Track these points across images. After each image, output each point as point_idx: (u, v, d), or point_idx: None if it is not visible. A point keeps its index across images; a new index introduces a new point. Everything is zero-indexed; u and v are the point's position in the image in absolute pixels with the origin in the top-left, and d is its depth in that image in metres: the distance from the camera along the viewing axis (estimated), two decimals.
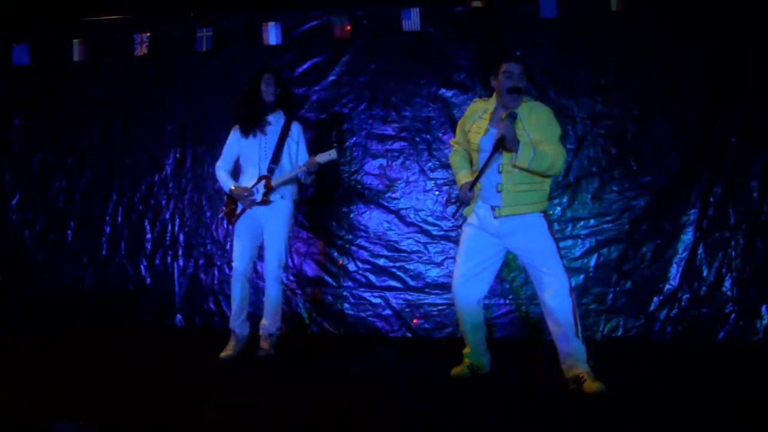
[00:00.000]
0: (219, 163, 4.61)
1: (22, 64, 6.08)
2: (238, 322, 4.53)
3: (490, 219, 3.66)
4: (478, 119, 3.74)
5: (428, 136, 5.35)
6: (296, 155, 4.55)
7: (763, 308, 4.78)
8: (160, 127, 5.95)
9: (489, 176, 3.64)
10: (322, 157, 4.33)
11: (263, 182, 4.43)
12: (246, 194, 4.43)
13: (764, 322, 4.76)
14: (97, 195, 6.11)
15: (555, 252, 3.63)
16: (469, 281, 3.73)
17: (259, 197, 4.43)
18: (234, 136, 4.56)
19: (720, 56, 4.84)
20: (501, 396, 3.47)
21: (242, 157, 4.57)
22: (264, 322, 4.52)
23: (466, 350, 3.89)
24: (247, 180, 4.51)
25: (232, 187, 4.49)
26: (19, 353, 4.75)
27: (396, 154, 5.42)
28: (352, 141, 5.49)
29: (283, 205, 4.49)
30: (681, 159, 4.92)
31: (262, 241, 4.55)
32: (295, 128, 4.56)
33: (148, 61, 5.92)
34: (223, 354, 4.44)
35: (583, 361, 3.54)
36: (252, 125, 4.45)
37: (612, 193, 5.03)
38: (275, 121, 4.52)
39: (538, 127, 3.58)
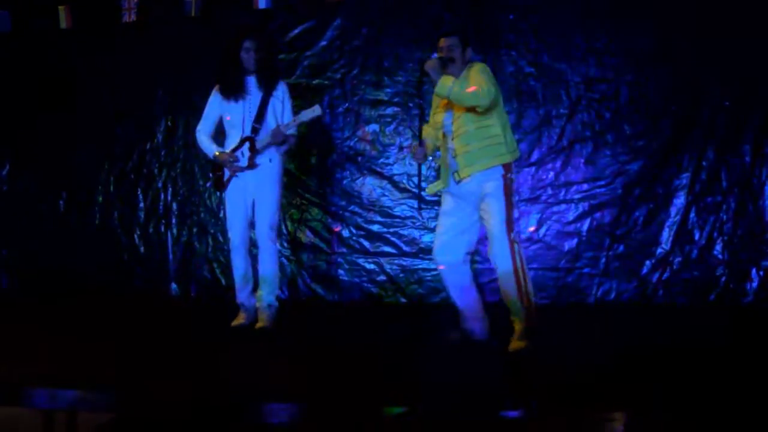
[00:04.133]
0: (199, 127, 4.34)
1: (5, 31, 6.00)
2: (244, 295, 4.33)
3: (454, 184, 3.77)
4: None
5: (421, 102, 5.30)
6: (282, 115, 4.27)
7: (753, 271, 4.81)
8: (150, 94, 5.91)
9: (448, 145, 3.77)
10: (306, 115, 4.09)
11: (247, 144, 4.18)
12: (231, 159, 4.19)
13: (754, 284, 4.80)
14: (89, 164, 6.08)
15: (502, 211, 3.64)
16: (446, 244, 3.80)
17: (245, 162, 4.17)
18: (215, 98, 4.30)
19: (713, 19, 4.81)
20: (490, 360, 3.48)
21: (225, 121, 4.30)
22: (260, 292, 4.27)
23: (460, 317, 3.89)
24: (232, 144, 4.25)
25: (216, 153, 4.24)
26: (13, 324, 4.74)
27: (389, 119, 5.39)
28: (344, 107, 5.46)
29: (271, 167, 4.23)
30: (674, 123, 4.91)
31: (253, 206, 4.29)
32: (281, 88, 4.29)
33: (136, 28, 5.86)
34: (234, 323, 4.27)
35: (521, 320, 3.63)
36: (233, 90, 4.21)
37: (605, 157, 5.02)
38: (258, 84, 4.23)
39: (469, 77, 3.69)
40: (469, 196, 3.74)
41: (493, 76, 3.69)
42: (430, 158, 5.28)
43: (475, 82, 3.57)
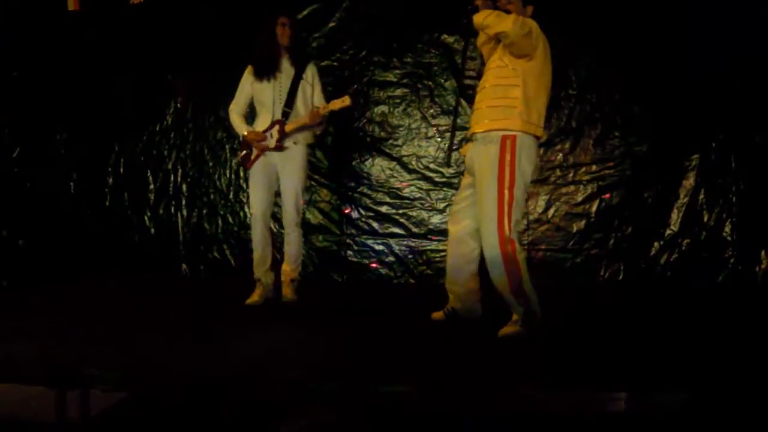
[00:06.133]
0: (232, 106, 4.49)
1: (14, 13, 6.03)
2: (262, 271, 4.46)
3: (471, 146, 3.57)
4: None
5: (430, 83, 5.32)
6: (311, 99, 4.42)
7: (762, 253, 4.80)
8: (159, 76, 5.92)
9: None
10: (336, 104, 4.23)
11: (276, 127, 4.32)
12: (259, 139, 4.33)
13: (763, 266, 4.79)
14: (99, 146, 6.12)
15: (495, 191, 3.34)
16: (456, 213, 3.69)
17: (272, 143, 4.32)
18: (247, 77, 4.43)
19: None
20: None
21: (256, 101, 4.44)
22: (285, 267, 4.48)
23: (450, 294, 3.80)
24: (262, 125, 4.39)
25: (245, 132, 4.38)
26: (23, 303, 4.78)
27: (398, 101, 5.39)
28: (353, 88, 5.45)
29: (297, 150, 4.37)
30: (684, 104, 4.88)
31: (278, 186, 4.45)
32: (310, 71, 4.43)
33: (144, 9, 5.86)
34: (249, 301, 4.39)
35: (517, 312, 3.41)
36: (267, 69, 4.33)
37: (614, 138, 5.01)
38: (290, 64, 4.38)
39: None
40: (472, 164, 3.53)
41: (541, 33, 3.39)
42: (439, 139, 5.32)
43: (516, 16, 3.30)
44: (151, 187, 6.01)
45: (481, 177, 3.43)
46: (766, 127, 4.79)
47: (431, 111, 5.33)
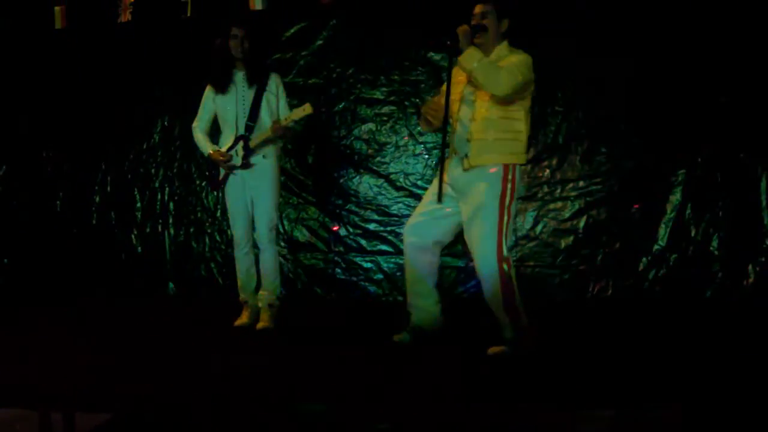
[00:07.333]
0: (195, 123, 4.31)
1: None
2: (248, 293, 4.33)
3: (458, 171, 3.55)
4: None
5: (417, 100, 5.33)
6: (277, 110, 4.21)
7: (750, 267, 4.81)
8: (147, 94, 5.91)
9: (462, 124, 3.52)
10: (297, 113, 4.02)
11: (241, 143, 4.14)
12: (224, 159, 4.14)
13: (750, 280, 4.80)
14: (86, 165, 6.09)
15: (495, 216, 3.41)
16: (418, 225, 3.65)
17: (239, 160, 4.15)
18: (209, 93, 4.25)
19: (711, 15, 4.80)
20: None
21: (219, 117, 4.25)
22: (263, 292, 4.30)
23: (410, 311, 3.77)
24: (226, 141, 4.21)
25: (210, 152, 4.19)
26: (10, 325, 4.73)
27: (385, 118, 5.40)
28: (340, 106, 5.47)
29: (266, 165, 4.18)
30: (670, 120, 4.91)
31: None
32: (273, 81, 4.22)
33: (132, 28, 5.86)
34: (238, 322, 4.28)
35: (508, 330, 3.45)
36: (222, 83, 4.15)
37: (601, 154, 5.02)
38: (250, 76, 4.16)
39: (505, 62, 3.44)
40: (464, 188, 3.53)
41: (531, 73, 3.45)
42: (426, 156, 5.33)
43: (508, 70, 3.32)
44: (138, 205, 5.98)
45: (480, 201, 3.46)
46: (751, 142, 4.82)
47: (418, 128, 5.32)
